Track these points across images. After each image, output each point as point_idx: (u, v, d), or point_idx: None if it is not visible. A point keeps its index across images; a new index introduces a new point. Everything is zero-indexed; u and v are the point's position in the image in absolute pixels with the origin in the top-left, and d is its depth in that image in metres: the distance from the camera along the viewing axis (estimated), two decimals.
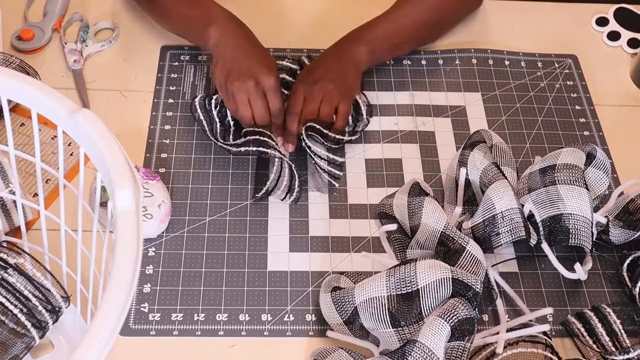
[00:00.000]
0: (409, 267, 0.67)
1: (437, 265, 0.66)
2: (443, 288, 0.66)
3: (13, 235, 0.74)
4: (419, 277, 0.66)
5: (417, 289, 0.66)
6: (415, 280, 0.66)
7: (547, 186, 0.75)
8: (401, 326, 0.66)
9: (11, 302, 0.63)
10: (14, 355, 0.65)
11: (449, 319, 0.63)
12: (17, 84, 0.52)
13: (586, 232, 0.72)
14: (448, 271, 0.66)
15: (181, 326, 0.71)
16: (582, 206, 0.73)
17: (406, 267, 0.67)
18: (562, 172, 0.75)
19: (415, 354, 0.61)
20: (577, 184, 0.74)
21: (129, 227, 0.45)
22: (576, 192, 0.73)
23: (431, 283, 0.66)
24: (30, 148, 0.83)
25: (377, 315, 0.66)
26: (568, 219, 0.73)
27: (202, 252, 0.77)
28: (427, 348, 0.61)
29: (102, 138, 0.49)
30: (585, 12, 1.06)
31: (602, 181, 0.77)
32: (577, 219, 0.72)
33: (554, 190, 0.74)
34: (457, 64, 0.97)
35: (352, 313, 0.68)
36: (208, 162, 0.84)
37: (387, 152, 0.87)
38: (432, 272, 0.66)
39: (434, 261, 0.67)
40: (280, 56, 0.93)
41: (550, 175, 0.76)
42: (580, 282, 0.76)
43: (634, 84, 0.97)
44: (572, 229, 0.72)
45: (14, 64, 0.87)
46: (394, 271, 0.67)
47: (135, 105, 0.89)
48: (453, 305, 0.64)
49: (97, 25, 0.97)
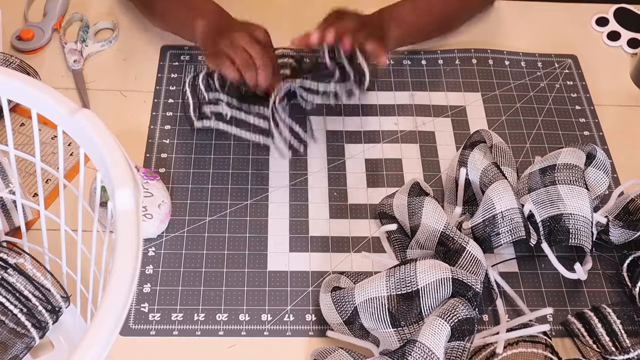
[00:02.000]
0: (409, 267, 0.67)
1: (437, 265, 0.67)
2: (443, 288, 0.66)
3: (13, 235, 0.74)
4: (419, 277, 0.66)
5: (417, 289, 0.66)
6: (415, 280, 0.66)
7: (547, 186, 0.75)
8: (401, 326, 0.66)
9: (11, 302, 0.63)
10: (14, 355, 0.65)
11: (449, 319, 0.63)
12: (17, 84, 0.52)
13: (586, 232, 0.72)
14: (448, 271, 0.66)
15: (181, 326, 0.71)
16: (582, 206, 0.73)
17: (406, 267, 0.67)
18: (562, 172, 0.75)
19: (415, 354, 0.61)
20: (577, 184, 0.74)
21: (129, 227, 0.45)
22: (576, 192, 0.73)
23: (431, 283, 0.66)
24: (30, 148, 0.83)
25: (377, 315, 0.66)
26: (568, 219, 0.73)
27: (202, 252, 0.77)
28: (427, 348, 0.61)
29: (102, 138, 0.49)
30: (585, 12, 1.06)
31: (602, 181, 0.77)
32: (577, 219, 0.72)
33: (554, 190, 0.74)
34: (457, 64, 0.97)
35: (352, 313, 0.68)
36: (208, 162, 0.84)
37: (387, 152, 0.87)
38: (432, 272, 0.66)
39: (434, 261, 0.67)
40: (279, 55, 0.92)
41: (550, 175, 0.76)
42: (580, 283, 0.76)
43: (634, 84, 0.97)
44: (572, 229, 0.72)
45: (14, 64, 0.87)
46: (394, 271, 0.67)
47: (135, 105, 0.89)
48: (453, 305, 0.64)
49: (97, 25, 0.98)
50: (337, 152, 0.86)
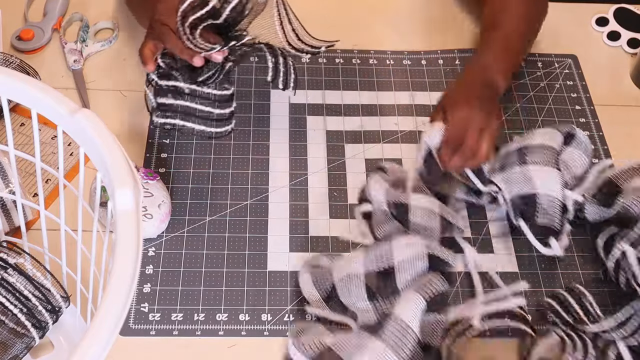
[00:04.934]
0: (386, 244, 0.70)
1: (412, 241, 0.69)
2: (419, 263, 0.68)
3: (13, 235, 0.74)
4: (395, 253, 0.68)
5: (393, 265, 0.68)
6: (391, 256, 0.68)
7: (520, 165, 0.76)
8: (378, 301, 0.68)
9: (11, 302, 0.63)
10: (14, 355, 0.65)
11: (425, 293, 0.65)
12: (17, 84, 0.52)
13: (554, 212, 0.74)
14: (424, 247, 0.68)
15: (181, 326, 0.71)
16: (551, 186, 0.74)
17: (383, 245, 0.69)
18: (535, 152, 0.77)
19: (391, 327, 0.63)
20: (549, 165, 0.75)
21: (129, 227, 0.45)
22: (546, 173, 0.75)
23: (407, 259, 0.68)
24: (30, 148, 0.83)
25: (354, 292, 0.68)
26: (537, 197, 0.74)
27: (202, 252, 0.77)
28: (403, 322, 0.63)
29: (102, 138, 0.49)
30: (585, 12, 1.06)
31: (582, 161, 0.80)
32: (545, 198, 0.74)
33: (525, 170, 0.76)
34: (457, 64, 0.97)
35: (330, 290, 0.70)
36: (208, 162, 0.84)
37: (387, 152, 0.87)
38: (408, 248, 0.69)
39: (410, 237, 0.70)
40: None
41: (523, 155, 0.77)
42: (555, 264, 0.77)
43: (634, 84, 0.97)
44: (540, 208, 0.74)
45: (14, 64, 0.87)
46: (371, 249, 0.69)
47: (135, 105, 0.89)
48: (429, 280, 0.66)
49: (97, 25, 0.98)
50: (337, 152, 0.86)
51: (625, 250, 0.71)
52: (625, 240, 0.72)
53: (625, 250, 0.71)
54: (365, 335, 0.64)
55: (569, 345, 0.67)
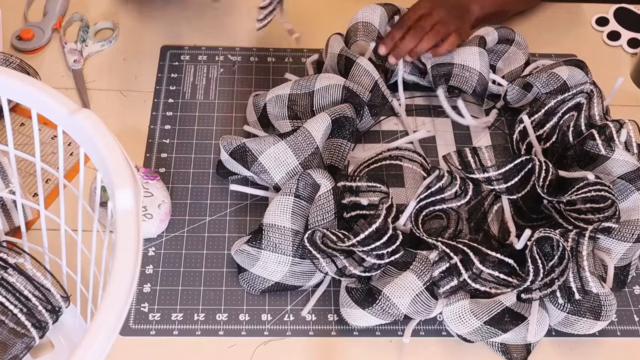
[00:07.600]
0: (312, 76, 0.83)
1: (332, 76, 0.82)
2: (334, 92, 0.81)
3: (13, 235, 0.74)
4: (317, 82, 0.81)
5: (313, 91, 0.81)
6: (313, 84, 0.81)
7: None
8: (297, 119, 0.82)
9: (11, 302, 0.63)
10: (14, 355, 0.65)
11: (332, 113, 0.77)
12: (17, 84, 0.52)
13: (468, 78, 0.85)
14: (341, 80, 0.81)
15: (181, 326, 0.71)
16: (469, 58, 0.86)
17: (309, 76, 0.83)
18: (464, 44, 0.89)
19: (298, 134, 0.75)
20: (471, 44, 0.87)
21: (129, 227, 0.45)
22: (467, 50, 0.87)
23: (325, 87, 0.81)
24: (30, 148, 0.83)
25: (279, 109, 0.82)
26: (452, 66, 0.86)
27: (202, 252, 0.77)
28: (307, 131, 0.75)
29: (102, 138, 0.49)
30: (585, 12, 1.06)
31: (519, 57, 0.91)
32: (461, 68, 0.86)
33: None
34: None
35: (262, 108, 0.83)
36: (208, 162, 0.84)
37: None
38: (327, 79, 0.81)
39: (331, 74, 0.82)
40: (281, 56, 0.93)
41: None
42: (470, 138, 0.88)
43: (634, 84, 0.97)
44: (454, 74, 0.86)
45: (14, 64, 0.87)
46: (299, 79, 0.83)
47: (135, 105, 0.89)
48: (340, 107, 0.79)
49: (97, 25, 0.98)
50: None
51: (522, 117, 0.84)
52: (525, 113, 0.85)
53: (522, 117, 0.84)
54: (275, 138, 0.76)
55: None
